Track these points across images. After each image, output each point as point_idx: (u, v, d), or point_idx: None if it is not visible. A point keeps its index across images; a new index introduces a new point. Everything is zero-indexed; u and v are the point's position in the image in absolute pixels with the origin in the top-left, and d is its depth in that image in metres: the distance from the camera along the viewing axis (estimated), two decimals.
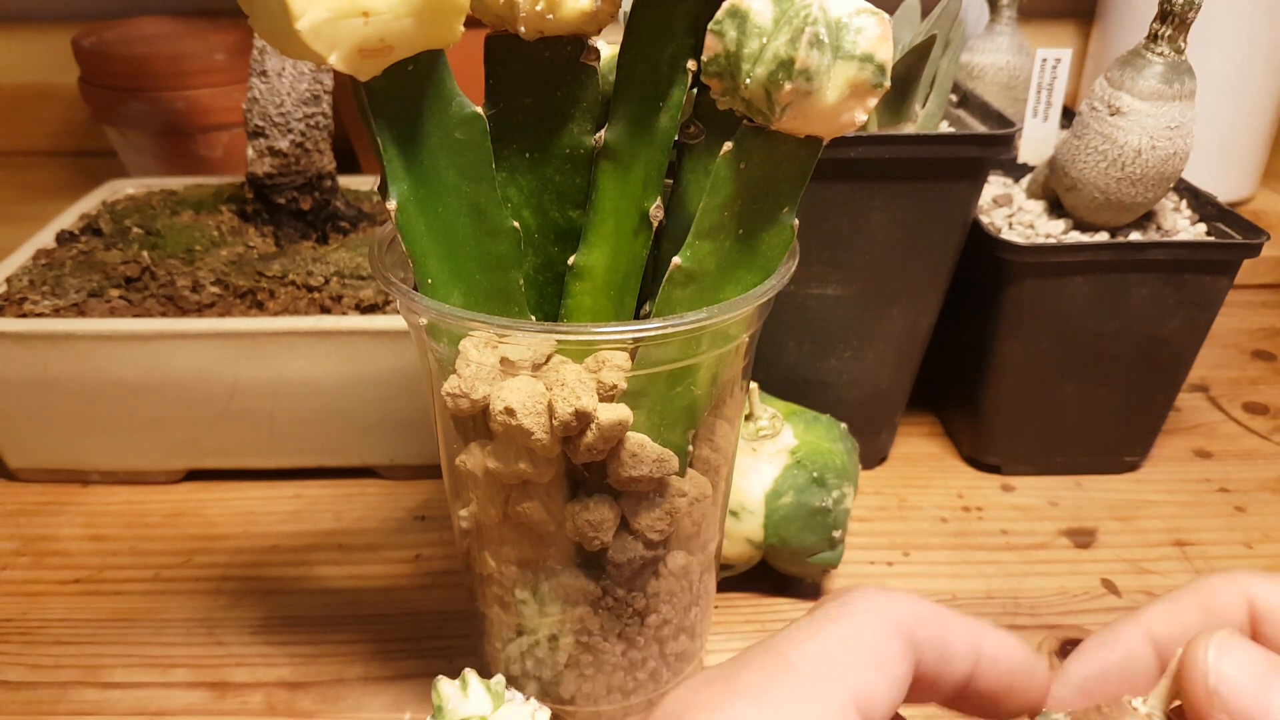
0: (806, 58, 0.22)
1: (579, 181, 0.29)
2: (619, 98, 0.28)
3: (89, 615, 0.40)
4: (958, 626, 0.19)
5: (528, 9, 0.25)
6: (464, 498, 0.31)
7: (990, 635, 0.19)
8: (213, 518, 0.46)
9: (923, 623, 0.18)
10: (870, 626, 0.18)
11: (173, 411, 0.45)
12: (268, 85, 0.47)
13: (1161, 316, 0.45)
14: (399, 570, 0.43)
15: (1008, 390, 0.48)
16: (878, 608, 0.18)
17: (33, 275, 0.47)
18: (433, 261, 0.27)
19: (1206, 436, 0.53)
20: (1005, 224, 0.47)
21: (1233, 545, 0.45)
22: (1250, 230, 0.44)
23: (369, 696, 0.37)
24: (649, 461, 0.27)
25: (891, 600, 0.18)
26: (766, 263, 0.27)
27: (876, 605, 0.18)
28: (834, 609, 0.18)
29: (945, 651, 0.18)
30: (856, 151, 0.40)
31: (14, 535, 0.45)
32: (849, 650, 0.17)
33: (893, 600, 0.18)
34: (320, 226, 0.51)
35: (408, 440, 0.47)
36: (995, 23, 0.57)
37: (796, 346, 0.46)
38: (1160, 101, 0.41)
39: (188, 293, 0.46)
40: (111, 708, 0.36)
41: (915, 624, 0.18)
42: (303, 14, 0.21)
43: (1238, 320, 0.66)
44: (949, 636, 0.19)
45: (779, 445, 0.41)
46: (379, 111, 0.24)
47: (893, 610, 0.18)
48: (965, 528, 0.46)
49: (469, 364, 0.26)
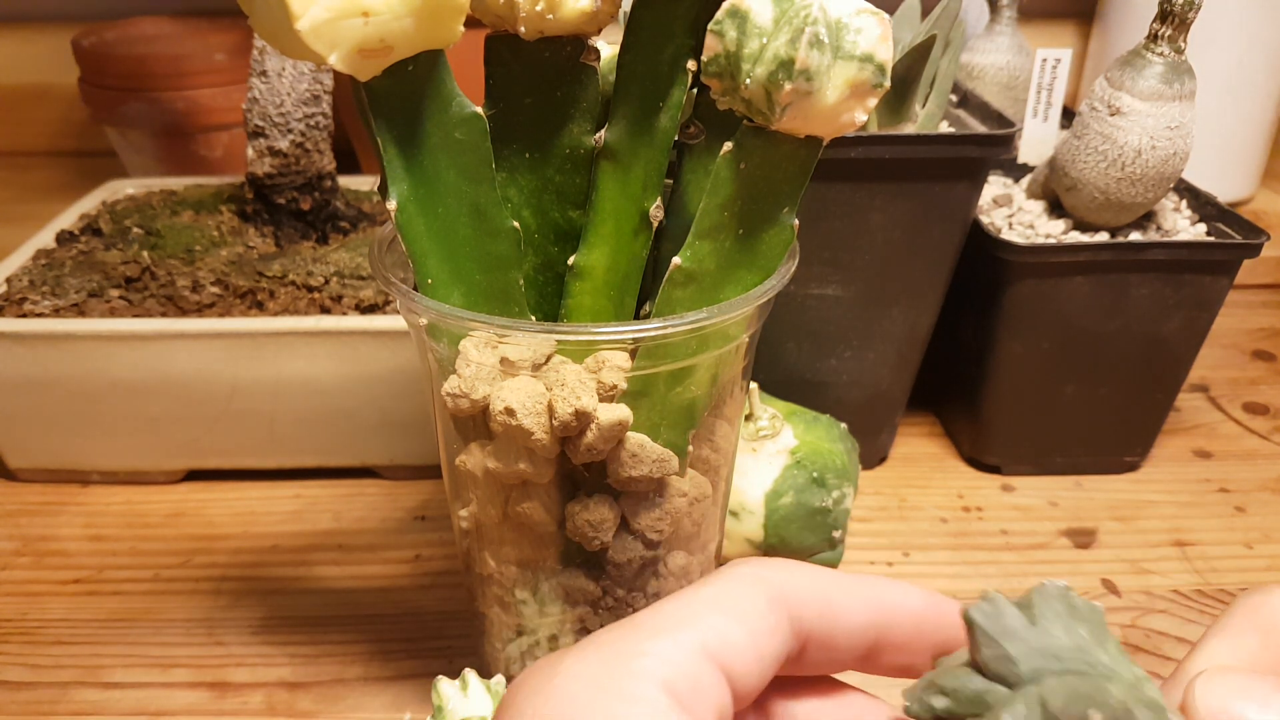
0: (806, 58, 0.22)
1: (579, 181, 0.29)
2: (619, 98, 0.28)
3: (89, 615, 0.40)
4: (848, 588, 0.19)
5: (528, 9, 0.25)
6: (464, 498, 0.31)
7: (887, 588, 0.19)
8: (213, 518, 0.46)
9: (801, 588, 0.18)
10: (736, 585, 0.18)
11: (173, 411, 0.45)
12: (268, 85, 0.47)
13: (1161, 316, 0.45)
14: (399, 570, 0.43)
15: (1008, 390, 0.48)
16: (750, 573, 0.18)
17: (33, 275, 0.47)
18: (433, 261, 0.27)
19: (1206, 436, 0.53)
20: (1005, 224, 0.47)
21: (1233, 545, 0.45)
22: (1250, 230, 0.44)
23: (369, 696, 0.37)
24: (649, 461, 0.27)
25: (767, 567, 0.18)
26: (766, 263, 0.27)
27: (749, 570, 0.18)
28: (706, 578, 0.18)
29: (834, 615, 0.18)
30: (856, 151, 0.40)
31: (14, 535, 0.45)
32: (706, 604, 0.17)
33: (769, 567, 0.18)
34: (320, 226, 0.51)
35: (408, 440, 0.47)
36: (995, 23, 0.57)
37: (796, 346, 0.46)
38: (1160, 101, 0.41)
39: (188, 293, 0.46)
40: (111, 708, 0.36)
41: (792, 590, 0.18)
42: (303, 14, 0.21)
43: (1238, 320, 0.66)
44: (836, 600, 0.18)
45: (779, 445, 0.41)
46: (379, 111, 0.24)
47: (767, 575, 0.18)
48: (965, 528, 0.46)
49: (469, 364, 0.26)
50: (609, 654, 0.16)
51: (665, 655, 0.16)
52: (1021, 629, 0.18)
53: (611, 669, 0.16)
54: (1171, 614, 0.41)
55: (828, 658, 0.19)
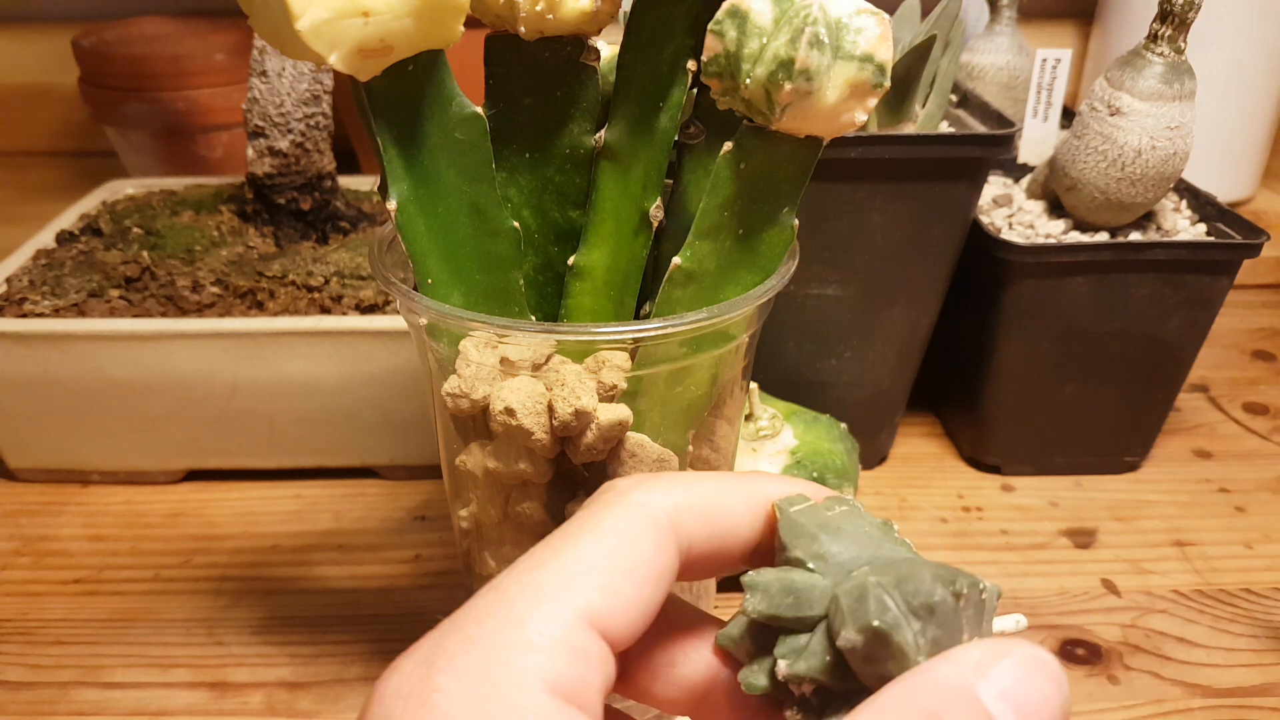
0: (806, 58, 0.22)
1: (579, 181, 0.29)
2: (619, 98, 0.28)
3: (89, 615, 0.40)
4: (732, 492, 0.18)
5: (528, 9, 0.25)
6: (464, 498, 0.31)
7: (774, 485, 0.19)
8: (213, 518, 0.46)
9: (683, 505, 0.18)
10: (621, 524, 0.17)
11: (173, 411, 0.45)
12: (268, 85, 0.47)
13: (1161, 316, 0.45)
14: (399, 570, 0.43)
15: (1008, 390, 0.48)
16: (636, 502, 0.17)
17: (33, 275, 0.47)
18: (433, 261, 0.27)
19: (1206, 436, 0.53)
20: (1005, 224, 0.47)
21: (1233, 545, 0.45)
22: (1250, 230, 0.44)
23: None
24: (649, 461, 0.27)
25: (653, 490, 0.18)
26: (766, 263, 0.27)
27: (634, 499, 0.17)
28: (582, 516, 0.17)
29: (720, 525, 0.18)
30: (856, 151, 0.40)
31: (14, 535, 0.45)
32: (588, 560, 0.16)
33: (655, 489, 0.18)
34: (320, 226, 0.51)
35: (408, 440, 0.47)
36: (995, 23, 0.57)
37: (796, 346, 0.46)
38: (1160, 102, 0.41)
39: (188, 293, 0.46)
40: (111, 708, 0.36)
41: (674, 509, 0.17)
42: (303, 14, 0.21)
43: (1238, 320, 0.66)
44: (721, 507, 0.18)
45: (779, 445, 0.41)
46: (379, 111, 0.24)
47: (653, 503, 0.17)
48: (965, 528, 0.46)
49: (469, 364, 0.26)
50: (486, 656, 0.15)
51: (547, 642, 0.15)
52: (823, 526, 0.17)
53: (491, 678, 0.15)
54: (1171, 614, 0.41)
55: (715, 568, 0.19)
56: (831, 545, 0.17)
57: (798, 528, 0.17)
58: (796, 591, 0.17)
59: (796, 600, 0.16)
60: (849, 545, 0.17)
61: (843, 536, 0.17)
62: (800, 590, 0.17)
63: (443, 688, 0.15)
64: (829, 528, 0.17)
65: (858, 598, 0.15)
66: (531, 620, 0.15)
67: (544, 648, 0.15)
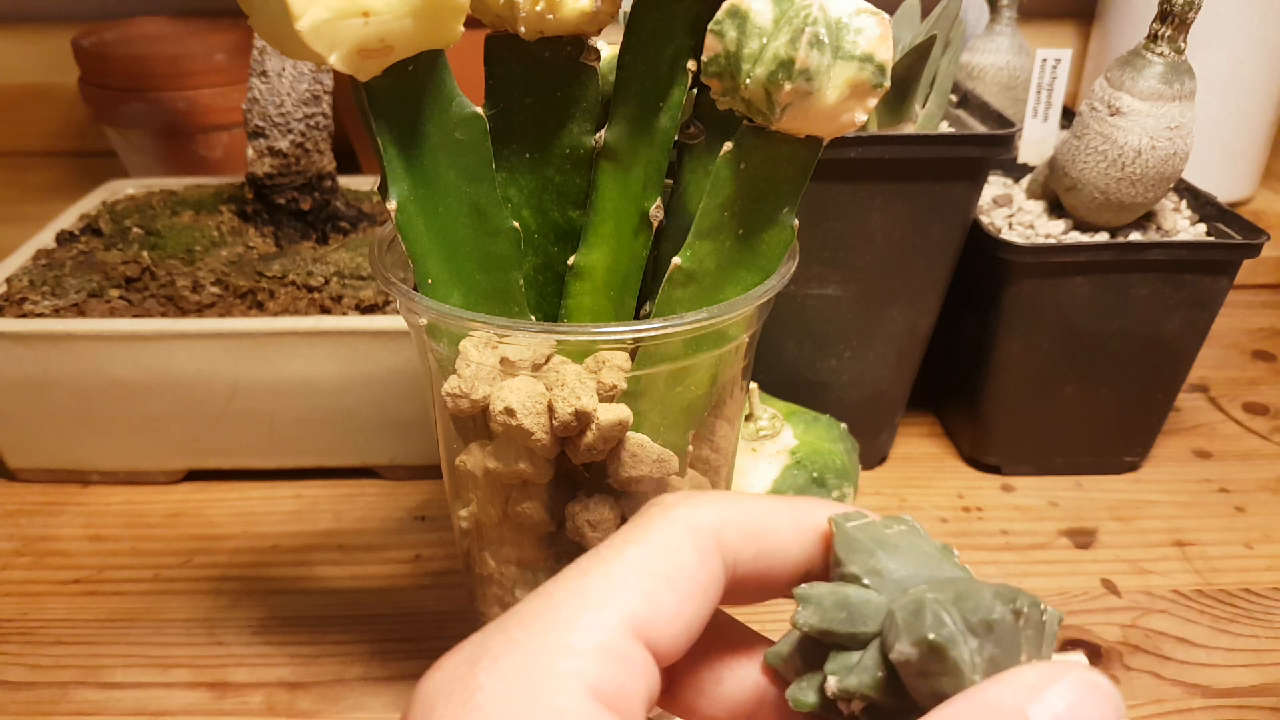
0: (806, 58, 0.22)
1: (579, 181, 0.29)
2: (619, 98, 0.28)
3: (89, 615, 0.40)
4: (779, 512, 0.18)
5: (528, 9, 0.25)
6: (464, 498, 0.31)
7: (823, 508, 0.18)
8: (213, 518, 0.46)
9: (728, 521, 0.17)
10: (666, 538, 0.17)
11: (173, 411, 0.45)
12: (268, 85, 0.47)
13: (1161, 316, 0.45)
14: (399, 570, 0.43)
15: (1008, 390, 0.48)
16: (682, 518, 0.17)
17: (33, 275, 0.47)
18: (433, 261, 0.27)
19: (1206, 436, 0.53)
20: (1005, 224, 0.47)
21: (1233, 545, 0.45)
22: (1250, 230, 0.44)
23: (369, 696, 0.37)
24: (649, 461, 0.27)
25: (700, 506, 0.17)
26: (766, 263, 0.27)
27: (680, 515, 0.17)
28: (628, 529, 0.17)
29: (766, 544, 0.18)
30: (856, 151, 0.40)
31: (14, 535, 0.45)
32: (633, 569, 0.16)
33: (701, 506, 0.17)
34: (320, 227, 0.51)
35: (408, 440, 0.47)
36: (995, 23, 0.57)
37: (796, 346, 0.46)
38: (1160, 102, 0.41)
39: (188, 293, 0.46)
40: (111, 708, 0.36)
41: (719, 524, 0.17)
42: (303, 14, 0.21)
43: (1238, 320, 0.66)
44: (767, 526, 0.18)
45: (779, 445, 0.41)
46: (379, 111, 0.24)
47: (699, 518, 0.17)
48: (965, 528, 0.46)
49: (469, 364, 0.26)
50: (529, 658, 0.15)
51: (590, 647, 0.15)
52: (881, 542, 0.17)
53: (533, 679, 0.15)
54: (1171, 614, 0.41)
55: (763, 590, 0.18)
56: (888, 562, 0.16)
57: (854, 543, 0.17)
58: (850, 606, 0.16)
59: (850, 615, 0.16)
60: (906, 563, 0.17)
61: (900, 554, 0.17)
62: (854, 605, 0.16)
63: (485, 687, 0.15)
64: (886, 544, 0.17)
65: (914, 611, 0.15)
66: (576, 625, 0.15)
67: (586, 652, 0.15)
